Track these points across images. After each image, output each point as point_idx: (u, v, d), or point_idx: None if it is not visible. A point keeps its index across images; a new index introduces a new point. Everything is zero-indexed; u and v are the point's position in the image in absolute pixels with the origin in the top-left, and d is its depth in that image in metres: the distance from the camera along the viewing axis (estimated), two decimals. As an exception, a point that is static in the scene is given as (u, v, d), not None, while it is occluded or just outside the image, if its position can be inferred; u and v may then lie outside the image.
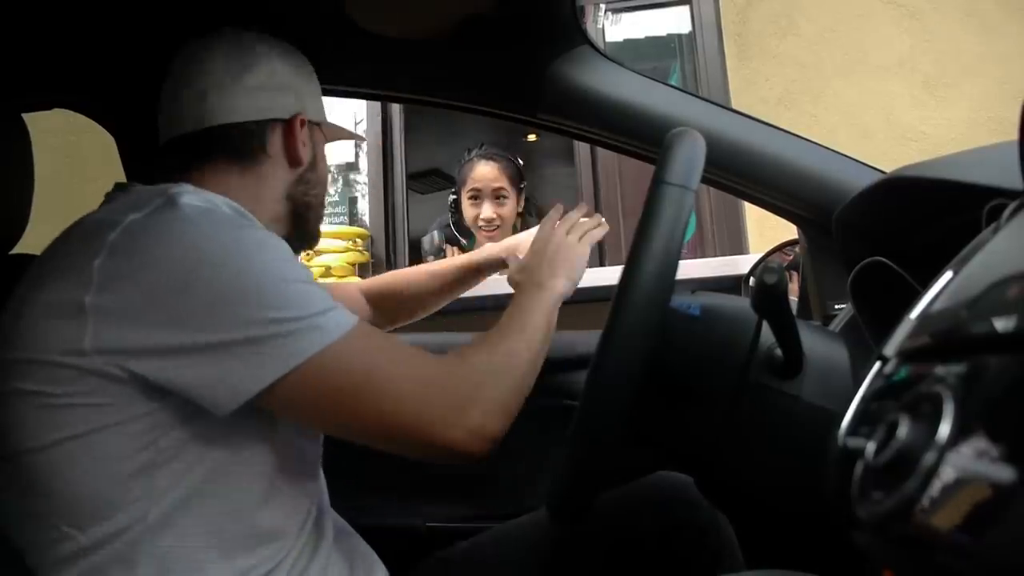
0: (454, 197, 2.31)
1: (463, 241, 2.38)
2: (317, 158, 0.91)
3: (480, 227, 2.24)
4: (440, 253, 2.30)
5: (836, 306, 1.07)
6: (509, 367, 0.76)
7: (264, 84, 0.85)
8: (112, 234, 0.65)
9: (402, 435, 0.69)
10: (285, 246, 0.72)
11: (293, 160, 0.87)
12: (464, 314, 1.15)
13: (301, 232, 0.90)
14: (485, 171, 2.20)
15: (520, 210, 2.34)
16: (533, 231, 1.02)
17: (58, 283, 0.65)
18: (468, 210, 2.25)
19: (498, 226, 2.26)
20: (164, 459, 0.65)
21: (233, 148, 0.83)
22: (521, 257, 0.97)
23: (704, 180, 0.74)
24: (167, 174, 0.80)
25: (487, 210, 2.21)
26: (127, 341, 0.63)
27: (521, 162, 2.27)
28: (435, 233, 2.34)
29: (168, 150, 0.85)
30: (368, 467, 1.10)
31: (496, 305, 1.01)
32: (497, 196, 2.22)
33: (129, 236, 0.66)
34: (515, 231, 2.39)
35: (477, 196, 2.22)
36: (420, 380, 0.70)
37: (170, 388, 0.64)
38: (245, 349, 0.63)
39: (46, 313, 0.65)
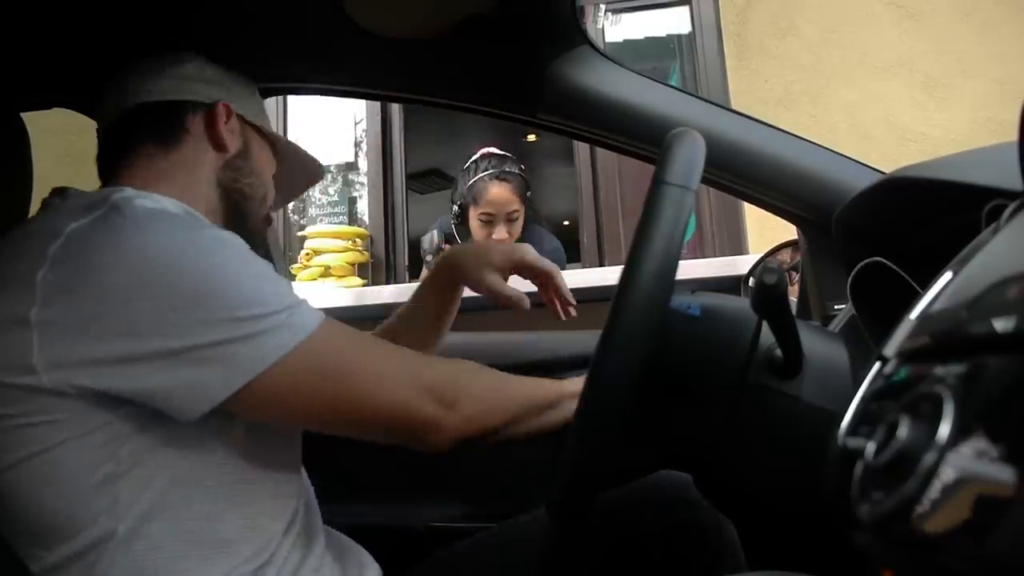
0: (460, 206, 2.28)
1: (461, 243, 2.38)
2: (251, 150, 0.91)
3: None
4: (439, 253, 2.30)
5: (835, 307, 1.08)
6: (497, 377, 0.77)
7: (189, 75, 0.87)
8: (54, 244, 0.62)
9: (378, 420, 0.69)
10: (240, 241, 0.69)
11: (217, 144, 0.86)
12: (465, 313, 1.14)
13: (240, 223, 0.86)
14: (500, 194, 2.18)
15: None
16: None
17: (2, 297, 0.62)
18: (477, 231, 2.23)
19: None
20: (125, 469, 0.63)
21: (154, 127, 0.83)
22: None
23: (704, 181, 0.74)
24: (104, 178, 0.82)
25: (500, 232, 2.20)
26: (78, 354, 0.60)
27: (523, 167, 2.27)
28: (434, 233, 2.34)
29: (100, 151, 0.86)
30: (365, 468, 1.16)
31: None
32: (510, 219, 2.21)
33: (73, 245, 0.62)
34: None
35: (490, 219, 2.20)
36: (392, 364, 0.70)
37: (128, 397, 0.62)
38: (212, 352, 0.61)
39: None
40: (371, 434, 0.72)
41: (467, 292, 1.16)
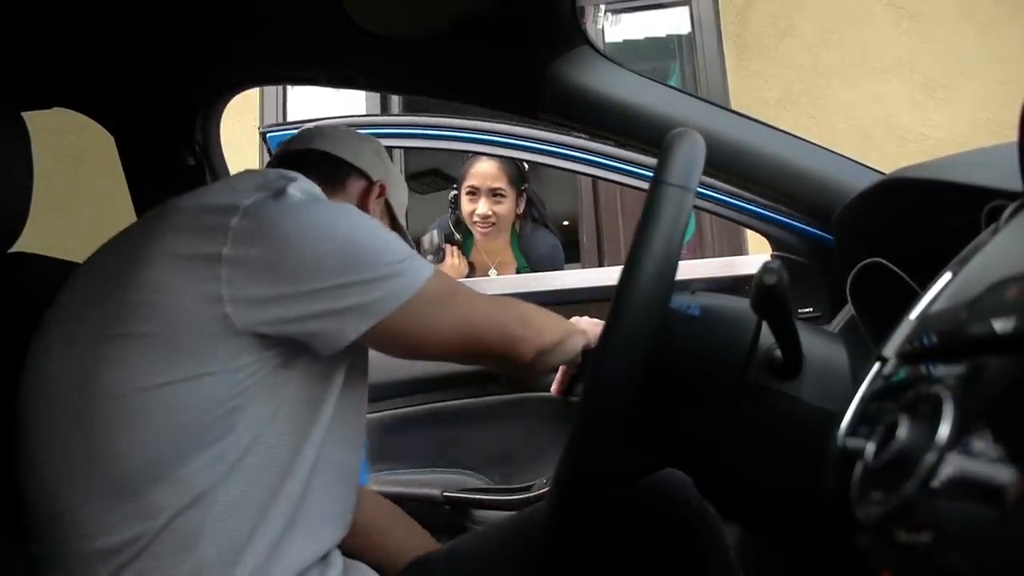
0: (455, 193, 2.33)
1: (458, 236, 2.39)
2: None
3: (475, 223, 2.26)
4: (439, 253, 2.30)
5: (799, 310, 1.15)
6: (542, 309, 0.92)
7: (367, 150, 1.02)
8: (246, 201, 0.74)
9: (487, 340, 0.82)
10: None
11: (361, 208, 0.96)
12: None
13: None
14: (484, 168, 2.21)
15: (520, 211, 2.35)
16: None
17: (194, 238, 0.73)
18: (465, 205, 2.27)
19: (493, 223, 2.27)
20: (244, 404, 0.72)
21: (324, 168, 0.96)
22: None
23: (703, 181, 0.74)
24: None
25: (483, 206, 2.23)
26: (254, 292, 0.71)
27: (526, 165, 2.28)
28: (434, 233, 2.34)
29: (274, 162, 1.00)
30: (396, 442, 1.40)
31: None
32: (494, 194, 2.23)
33: (260, 206, 0.75)
34: (513, 232, 2.40)
35: (475, 192, 2.24)
36: (485, 297, 0.85)
37: (287, 335, 0.72)
38: (361, 289, 0.73)
39: (182, 263, 0.72)
40: (479, 354, 0.85)
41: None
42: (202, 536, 0.70)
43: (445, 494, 1.43)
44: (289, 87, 3.22)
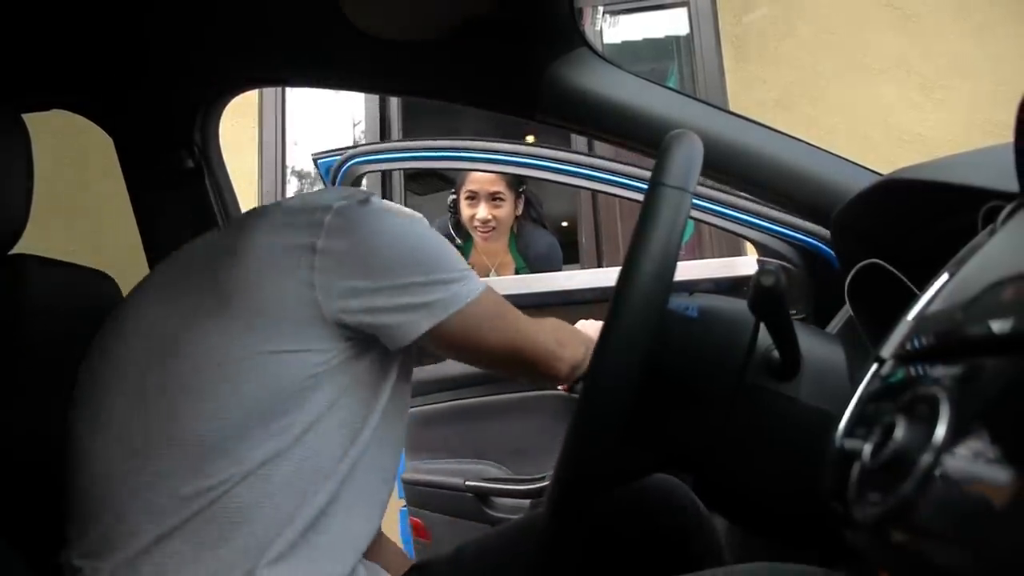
0: (453, 197, 2.35)
1: (459, 241, 2.40)
2: None
3: (476, 227, 2.27)
4: None
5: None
6: (572, 326, 1.01)
7: None
8: (338, 203, 0.81)
9: (529, 356, 0.88)
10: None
11: None
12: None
13: None
14: (483, 173, 2.22)
15: (519, 213, 2.36)
16: None
17: (292, 231, 0.80)
18: (465, 210, 2.29)
19: (493, 227, 2.28)
20: (316, 385, 0.77)
21: None
22: None
23: (702, 183, 0.74)
24: None
25: (482, 211, 2.25)
26: (342, 281, 0.77)
27: None
28: None
29: None
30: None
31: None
32: (493, 198, 2.25)
33: (349, 208, 0.81)
34: (512, 235, 2.41)
35: (474, 197, 2.26)
36: (527, 317, 0.90)
37: (362, 326, 0.78)
38: (427, 291, 0.80)
39: (281, 251, 0.79)
40: (520, 368, 0.91)
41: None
42: (245, 515, 0.74)
43: (467, 483, 1.56)
44: (288, 89, 3.22)
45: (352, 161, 1.63)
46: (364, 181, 1.76)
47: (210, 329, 0.77)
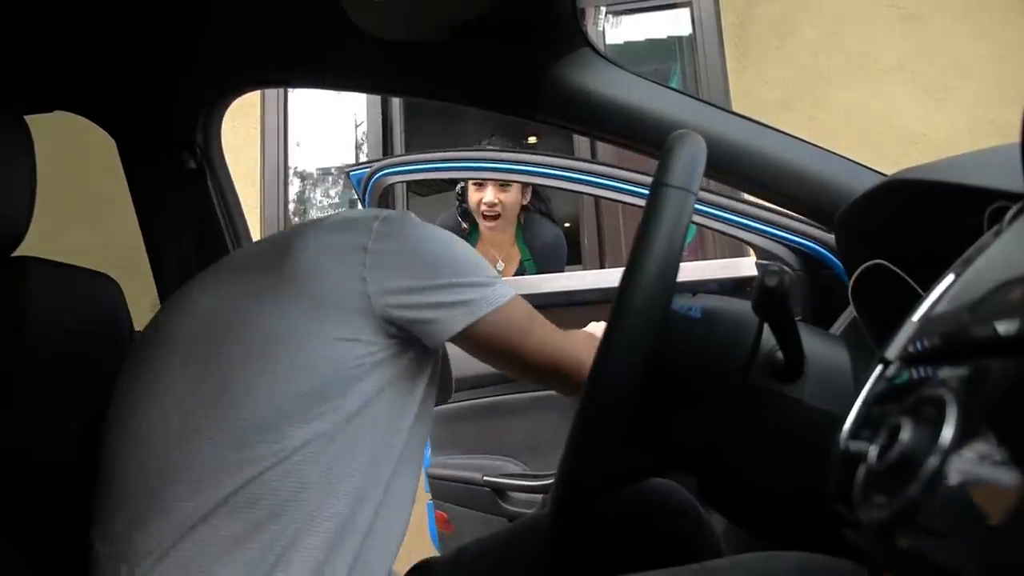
0: (462, 185, 2.40)
1: (465, 225, 2.44)
2: None
3: (482, 212, 2.31)
4: None
5: None
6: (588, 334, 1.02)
7: None
8: (383, 214, 0.87)
9: (553, 363, 0.90)
10: None
11: None
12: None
13: None
14: None
15: (525, 202, 2.40)
16: None
17: (345, 234, 0.86)
18: (472, 195, 2.34)
19: (499, 213, 2.32)
20: (362, 375, 0.81)
21: None
22: None
23: (702, 185, 0.74)
24: None
25: (489, 195, 2.29)
26: (387, 282, 0.82)
27: None
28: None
29: None
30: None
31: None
32: (501, 185, 2.30)
33: (393, 217, 0.88)
34: (519, 225, 2.43)
35: (481, 182, 2.30)
36: (561, 331, 0.93)
37: (405, 323, 0.82)
38: (464, 291, 0.84)
39: (336, 249, 0.84)
40: (553, 375, 0.93)
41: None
42: (280, 506, 0.76)
43: (485, 478, 1.63)
44: (290, 90, 3.22)
45: (381, 173, 1.72)
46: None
47: (268, 311, 0.82)
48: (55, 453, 0.90)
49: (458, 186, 2.43)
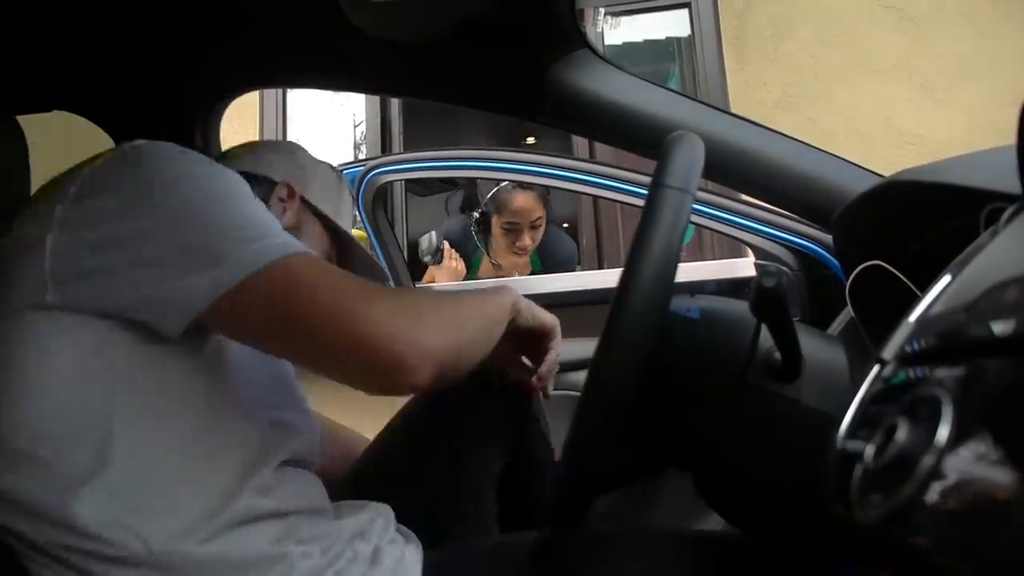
0: (481, 214, 2.31)
1: (482, 251, 2.40)
2: (302, 229, 1.00)
3: (516, 251, 2.29)
4: (437, 254, 2.30)
5: None
6: (456, 309, 0.76)
7: (269, 158, 1.02)
8: (84, 173, 0.74)
9: (347, 350, 0.66)
10: (240, 179, 0.74)
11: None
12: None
13: None
14: (525, 203, 2.23)
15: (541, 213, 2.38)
16: None
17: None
18: (501, 238, 2.29)
19: (527, 247, 2.30)
20: (115, 377, 0.67)
21: None
22: None
23: (700, 185, 0.74)
24: None
25: (524, 240, 2.26)
26: (77, 264, 0.66)
27: None
28: (432, 235, 2.34)
29: None
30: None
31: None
32: (534, 226, 2.27)
33: (93, 173, 0.74)
34: None
35: (515, 228, 2.26)
36: (366, 297, 0.67)
37: (122, 310, 0.66)
38: (200, 259, 0.65)
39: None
40: (338, 365, 0.68)
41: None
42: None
43: None
44: (289, 91, 3.22)
45: (374, 171, 1.69)
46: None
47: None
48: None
49: (475, 215, 2.32)
